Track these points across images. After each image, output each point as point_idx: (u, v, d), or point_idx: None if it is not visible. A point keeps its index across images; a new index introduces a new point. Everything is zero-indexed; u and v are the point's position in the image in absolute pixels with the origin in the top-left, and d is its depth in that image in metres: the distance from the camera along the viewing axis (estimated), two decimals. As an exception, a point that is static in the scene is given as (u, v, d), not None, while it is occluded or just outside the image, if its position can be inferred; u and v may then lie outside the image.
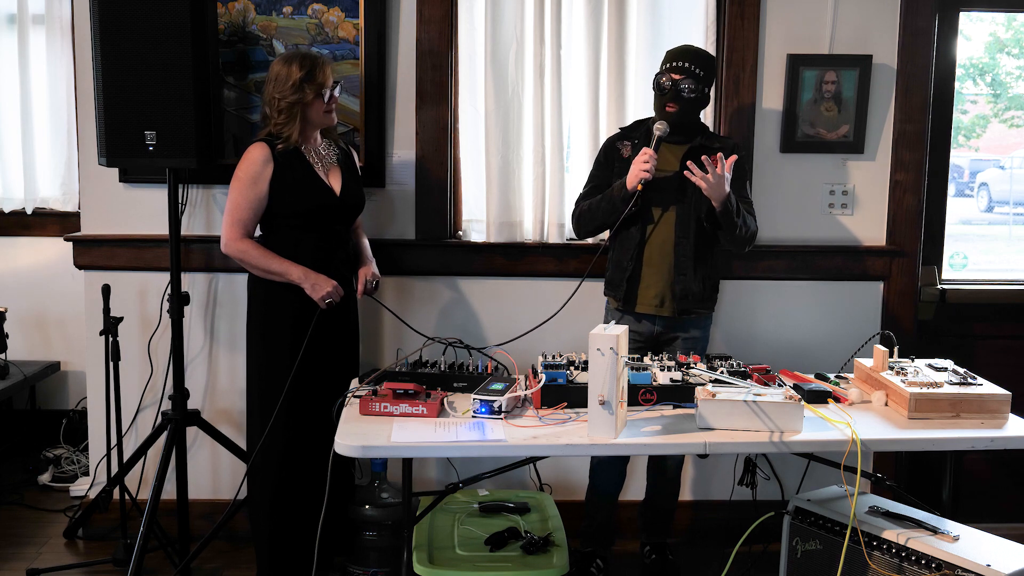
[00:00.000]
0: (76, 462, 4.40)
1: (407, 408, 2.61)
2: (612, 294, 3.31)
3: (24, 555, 3.60)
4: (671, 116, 3.15)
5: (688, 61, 3.14)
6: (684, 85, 3.12)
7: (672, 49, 3.22)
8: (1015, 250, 4.51)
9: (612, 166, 3.27)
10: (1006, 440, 2.58)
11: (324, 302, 3.10)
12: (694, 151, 3.16)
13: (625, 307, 3.26)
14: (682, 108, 3.14)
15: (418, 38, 3.58)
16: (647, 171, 3.04)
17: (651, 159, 3.05)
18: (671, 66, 3.16)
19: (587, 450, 2.49)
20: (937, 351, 3.43)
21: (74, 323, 4.52)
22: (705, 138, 3.24)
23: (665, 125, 3.13)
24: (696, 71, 3.13)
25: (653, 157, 3.07)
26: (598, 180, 3.29)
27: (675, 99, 3.14)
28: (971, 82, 4.19)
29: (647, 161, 3.05)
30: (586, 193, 3.31)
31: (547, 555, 2.82)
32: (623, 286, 3.24)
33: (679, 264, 3.19)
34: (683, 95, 3.13)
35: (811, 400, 2.70)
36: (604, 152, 3.34)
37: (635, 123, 3.35)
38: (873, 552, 2.62)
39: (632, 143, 3.24)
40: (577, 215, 3.29)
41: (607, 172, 3.27)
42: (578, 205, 3.30)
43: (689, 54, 3.17)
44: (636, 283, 3.23)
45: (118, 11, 3.09)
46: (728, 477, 3.49)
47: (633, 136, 3.27)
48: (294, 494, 3.18)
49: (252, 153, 3.11)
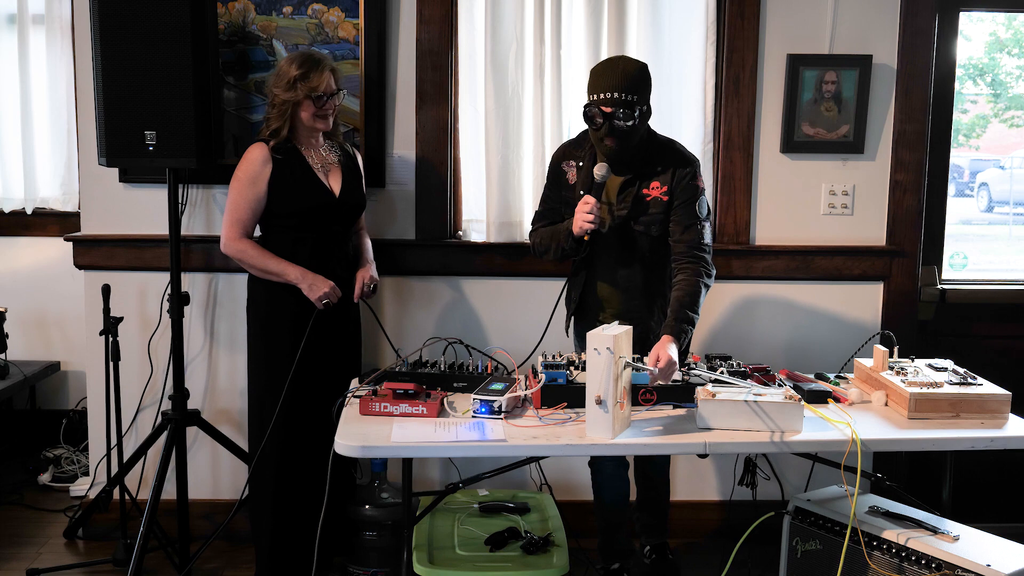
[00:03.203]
0: (76, 462, 4.41)
1: (407, 408, 2.61)
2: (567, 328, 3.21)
3: (24, 555, 3.61)
4: (611, 152, 2.88)
5: (615, 90, 2.79)
6: (617, 120, 2.81)
7: (596, 70, 2.88)
8: (1015, 250, 4.50)
9: (559, 189, 3.07)
10: (1006, 440, 2.58)
11: (321, 303, 3.09)
12: (627, 185, 2.96)
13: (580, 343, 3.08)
14: (620, 141, 2.85)
15: (418, 38, 3.58)
16: (591, 222, 2.86)
17: (595, 208, 2.85)
18: (599, 98, 2.82)
19: (586, 450, 2.49)
20: (937, 351, 3.43)
21: (74, 323, 4.53)
22: (644, 162, 2.96)
23: (606, 168, 2.87)
24: (628, 98, 2.80)
25: (597, 206, 2.86)
26: (549, 202, 3.11)
27: (610, 133, 2.84)
28: (971, 82, 4.18)
29: (591, 212, 2.85)
30: (539, 214, 3.13)
31: (547, 555, 2.82)
32: (569, 321, 3.16)
33: (631, 309, 3.03)
34: (618, 128, 2.82)
35: (811, 400, 2.70)
36: (551, 170, 3.12)
37: (581, 135, 3.07)
38: (873, 552, 2.62)
39: (577, 165, 3.03)
40: (532, 244, 3.14)
41: (556, 192, 3.09)
42: (532, 231, 3.15)
43: (615, 80, 2.81)
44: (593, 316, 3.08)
45: (118, 11, 3.09)
46: (728, 477, 3.49)
47: (578, 154, 3.03)
48: (294, 494, 3.18)
49: (251, 153, 3.11)
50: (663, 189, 2.95)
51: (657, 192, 2.95)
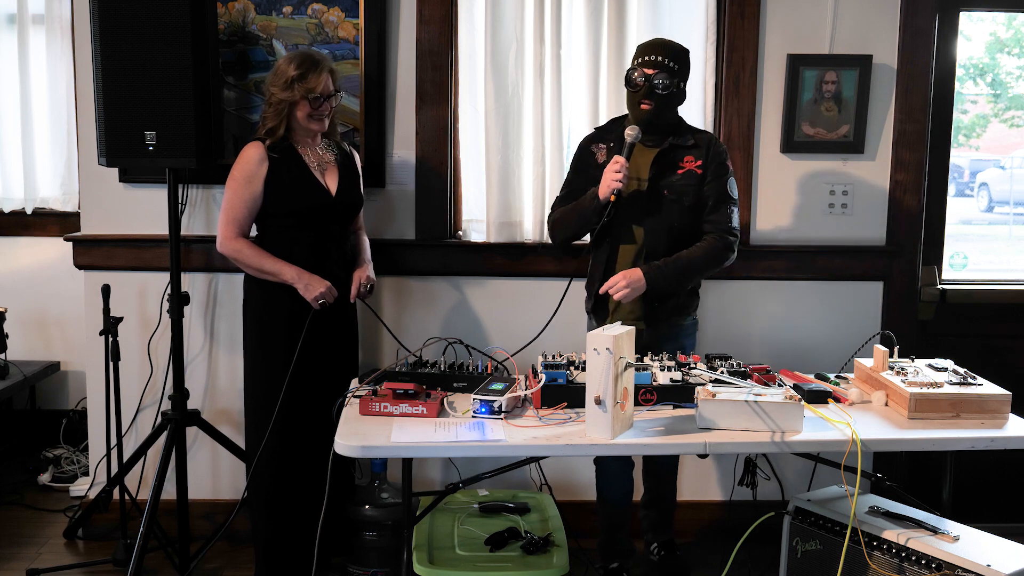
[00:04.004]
0: (76, 462, 4.41)
1: (407, 408, 2.61)
2: (587, 307, 3.27)
3: (24, 555, 3.60)
4: (645, 115, 3.03)
5: (660, 54, 3.00)
6: (657, 80, 2.99)
7: (643, 43, 3.10)
8: (1015, 250, 4.50)
9: (587, 171, 3.16)
10: (1006, 440, 2.58)
11: (317, 303, 3.09)
12: (663, 155, 3.08)
13: (601, 320, 3.18)
14: (656, 105, 3.02)
15: (418, 38, 3.58)
16: (619, 181, 2.94)
17: (623, 168, 2.94)
18: (643, 60, 3.02)
19: (586, 450, 2.49)
20: (937, 351, 3.43)
21: (74, 323, 4.53)
22: (678, 136, 3.11)
23: (637, 131, 3.01)
24: (670, 64, 3.00)
25: (625, 166, 2.95)
26: (573, 184, 3.20)
27: (648, 96, 3.00)
28: (971, 82, 4.18)
29: (619, 171, 2.94)
30: (561, 198, 3.22)
31: (547, 555, 2.82)
32: (591, 300, 3.20)
33: None
34: (657, 91, 3.00)
35: (811, 400, 2.70)
36: (579, 155, 3.23)
37: (611, 122, 3.24)
38: (873, 552, 2.62)
39: (608, 146, 3.14)
40: (551, 223, 3.21)
41: (582, 176, 3.17)
42: (553, 210, 3.22)
43: (661, 47, 3.03)
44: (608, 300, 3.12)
45: (118, 11, 3.09)
46: (728, 477, 3.49)
47: (608, 138, 3.16)
48: (291, 494, 3.18)
49: (247, 152, 3.11)
50: (697, 163, 3.08)
51: (691, 165, 3.09)
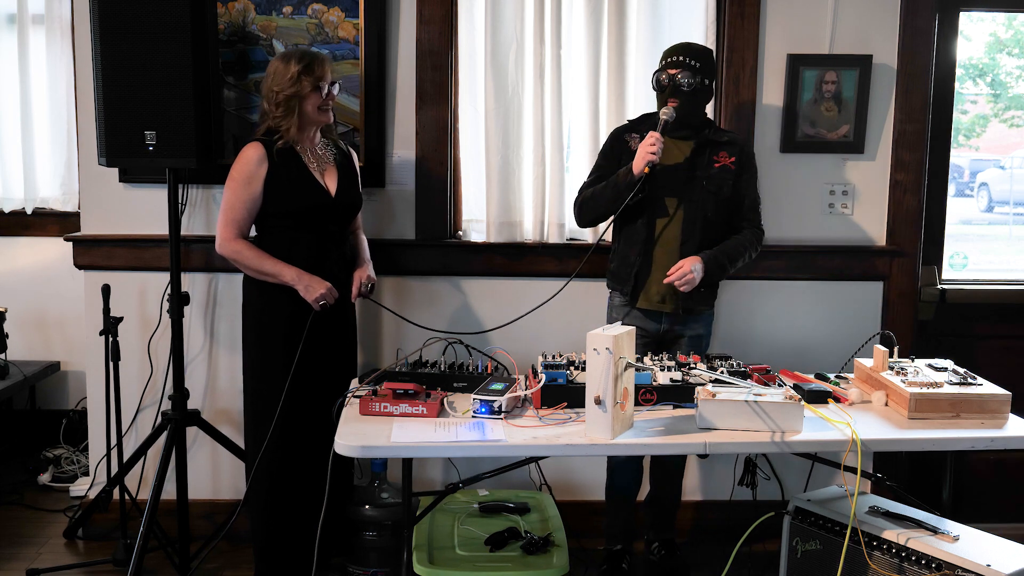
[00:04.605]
0: (76, 462, 4.41)
1: (407, 408, 2.61)
2: (618, 288, 3.30)
3: (24, 555, 3.60)
4: (674, 112, 3.16)
5: (683, 55, 3.17)
6: (682, 78, 3.14)
7: (668, 47, 3.24)
8: (1015, 250, 4.50)
9: (619, 158, 3.25)
10: (1006, 440, 2.58)
11: (318, 304, 3.08)
12: (702, 145, 3.20)
13: (631, 302, 3.26)
14: (683, 102, 3.15)
15: (418, 38, 3.58)
16: (654, 153, 3.04)
17: (658, 142, 3.05)
18: (667, 62, 3.19)
19: (586, 450, 2.48)
20: (937, 351, 3.43)
21: (74, 323, 4.52)
22: (712, 132, 3.26)
23: (671, 110, 3.13)
24: (692, 63, 3.15)
25: (660, 140, 3.06)
26: (603, 171, 3.28)
27: (675, 94, 3.15)
28: (971, 82, 4.18)
29: (654, 144, 3.05)
30: (590, 182, 3.30)
31: (547, 555, 2.82)
32: (630, 281, 3.23)
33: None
34: (682, 89, 3.14)
35: (811, 400, 2.70)
36: (611, 143, 3.33)
37: (643, 116, 3.35)
38: (873, 552, 2.62)
39: (640, 135, 3.23)
40: (580, 202, 3.28)
41: (613, 163, 3.26)
42: (581, 193, 3.29)
43: (683, 48, 3.19)
44: (643, 279, 3.22)
45: (118, 11, 3.09)
46: (728, 477, 3.49)
47: (640, 128, 3.26)
48: (291, 494, 3.18)
49: (247, 153, 3.11)
50: (731, 159, 3.24)
51: (726, 160, 3.23)
